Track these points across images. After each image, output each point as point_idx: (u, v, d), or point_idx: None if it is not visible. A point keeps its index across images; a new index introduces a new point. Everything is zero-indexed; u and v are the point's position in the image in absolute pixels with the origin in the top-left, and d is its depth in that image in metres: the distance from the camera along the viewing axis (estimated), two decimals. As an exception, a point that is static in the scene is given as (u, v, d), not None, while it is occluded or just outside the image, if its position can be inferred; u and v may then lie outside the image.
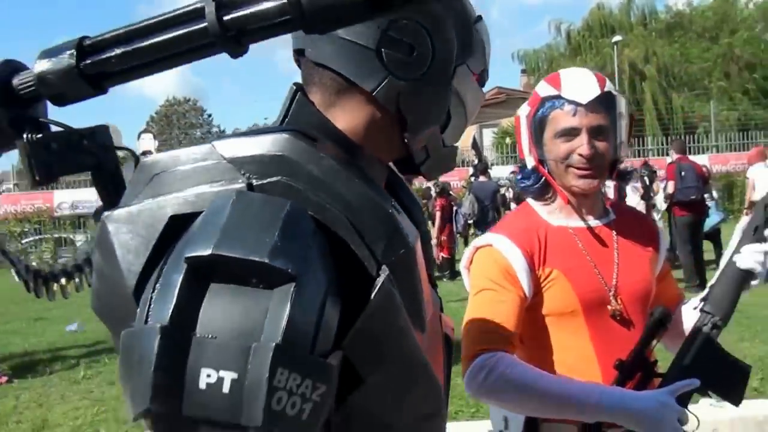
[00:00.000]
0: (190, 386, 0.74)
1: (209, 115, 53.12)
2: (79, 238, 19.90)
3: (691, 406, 1.59)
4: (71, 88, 0.87)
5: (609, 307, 1.69)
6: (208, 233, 0.78)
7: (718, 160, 21.31)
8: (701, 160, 19.37)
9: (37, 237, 20.87)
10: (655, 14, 32.52)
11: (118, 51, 0.83)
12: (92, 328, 8.89)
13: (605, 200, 1.86)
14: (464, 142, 28.35)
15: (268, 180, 0.85)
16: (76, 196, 21.61)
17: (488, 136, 30.68)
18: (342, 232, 0.85)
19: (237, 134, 0.91)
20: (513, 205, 13.20)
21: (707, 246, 10.83)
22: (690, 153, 19.80)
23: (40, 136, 0.90)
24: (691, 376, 1.59)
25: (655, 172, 12.16)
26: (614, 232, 1.78)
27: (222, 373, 0.74)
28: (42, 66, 0.86)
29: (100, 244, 0.86)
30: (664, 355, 1.73)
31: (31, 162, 0.90)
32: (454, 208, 13.18)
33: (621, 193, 11.88)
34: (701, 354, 1.64)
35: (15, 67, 0.90)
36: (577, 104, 1.65)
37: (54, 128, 0.93)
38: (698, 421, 1.58)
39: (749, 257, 1.67)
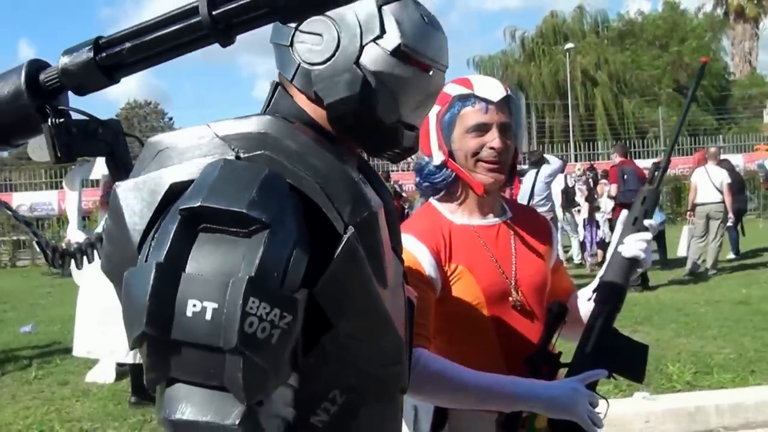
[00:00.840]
0: (178, 314, 0.88)
1: (170, 119, 52.38)
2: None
3: (624, 400, 1.79)
4: (89, 79, 1.01)
5: (510, 298, 1.79)
6: (198, 190, 0.94)
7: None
8: (650, 163, 19.87)
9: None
10: (608, 22, 33.09)
11: (128, 44, 0.97)
12: (45, 330, 8.84)
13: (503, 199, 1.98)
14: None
15: (253, 153, 1.01)
16: (35, 199, 21.24)
17: (444, 140, 31.20)
18: (315, 197, 1.00)
19: (229, 118, 1.06)
20: None
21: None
22: (640, 157, 20.33)
23: (62, 120, 1.05)
24: (594, 363, 1.71)
25: (598, 174, 12.48)
26: (511, 229, 1.88)
27: (205, 303, 0.88)
28: (65, 60, 1.01)
29: (111, 209, 1.01)
30: (567, 346, 1.86)
31: (54, 142, 1.06)
32: (406, 210, 13.16)
33: (591, 194, 12.19)
34: (601, 341, 1.76)
35: (40, 65, 1.05)
36: (489, 102, 1.77)
37: (75, 116, 1.10)
38: (608, 404, 1.72)
39: (632, 246, 1.79)
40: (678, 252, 12.39)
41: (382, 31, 1.13)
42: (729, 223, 11.25)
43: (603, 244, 12.33)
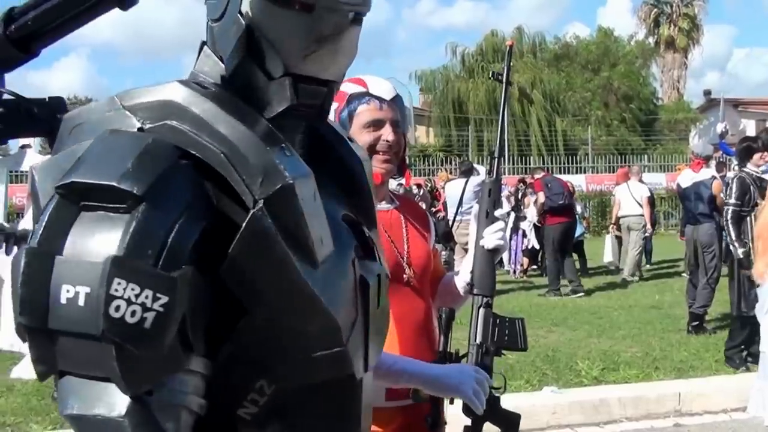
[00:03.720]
0: (53, 301, 0.83)
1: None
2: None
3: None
4: (4, 52, 1.02)
5: (404, 275, 1.96)
6: (75, 166, 0.88)
7: (594, 179, 22.62)
8: (579, 179, 20.54)
9: None
10: (544, 44, 33.73)
11: (31, 14, 1.00)
12: None
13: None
14: None
15: (157, 124, 0.94)
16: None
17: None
18: (219, 168, 0.93)
19: (141, 87, 1.00)
20: None
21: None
22: (569, 173, 20.94)
23: None
24: (485, 347, 1.94)
25: (527, 186, 12.90)
26: (401, 215, 2.06)
27: (78, 287, 0.82)
28: None
29: (32, 192, 0.96)
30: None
31: None
32: None
33: (518, 205, 12.58)
34: (486, 328, 1.96)
35: None
36: (382, 100, 1.92)
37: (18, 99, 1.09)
38: (505, 378, 1.97)
39: (491, 238, 1.98)
40: (603, 259, 12.87)
41: None
42: (646, 234, 11.86)
43: (529, 252, 12.74)
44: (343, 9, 1.02)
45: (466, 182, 10.11)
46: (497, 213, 2.00)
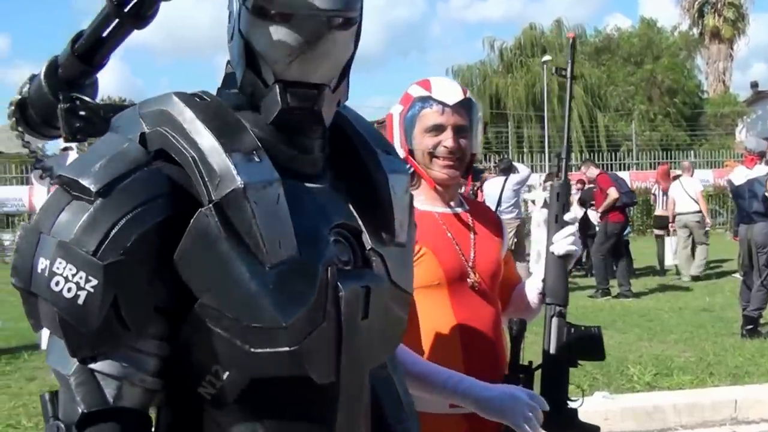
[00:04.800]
0: (33, 270, 1.01)
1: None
2: (6, 237, 19.08)
3: (585, 399, 1.84)
4: (74, 67, 1.27)
5: (469, 280, 1.92)
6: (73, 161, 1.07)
7: (639, 177, 22.05)
8: (623, 176, 20.16)
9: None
10: (585, 37, 33.16)
11: (85, 33, 1.24)
12: (14, 326, 8.73)
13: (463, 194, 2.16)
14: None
15: (153, 129, 1.08)
16: (5, 194, 20.71)
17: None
18: (188, 170, 1.05)
19: (154, 96, 1.15)
20: None
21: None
22: (612, 170, 20.55)
23: (67, 106, 1.24)
24: (559, 359, 1.85)
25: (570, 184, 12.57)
26: (470, 219, 2.02)
27: (45, 261, 1.00)
28: (60, 56, 1.28)
29: None
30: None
31: (64, 124, 1.25)
32: None
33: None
34: (560, 338, 1.87)
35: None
36: (445, 105, 1.90)
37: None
38: (583, 397, 1.87)
39: (562, 244, 1.89)
40: (667, 261, 12.59)
41: None
42: (706, 229, 11.62)
43: None
44: (319, 15, 1.07)
45: (506, 181, 9.98)
46: (567, 217, 1.91)
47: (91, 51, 1.26)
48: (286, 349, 1.06)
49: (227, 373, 1.07)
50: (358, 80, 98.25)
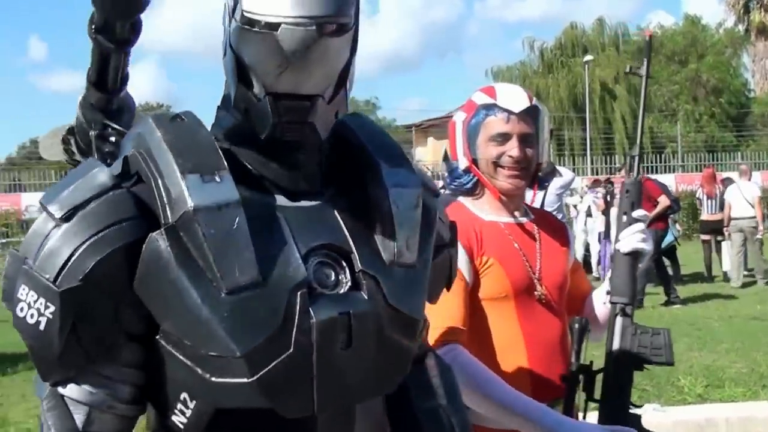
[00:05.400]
0: (15, 295, 1.02)
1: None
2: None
3: (633, 411, 1.78)
4: (92, 95, 1.36)
5: (536, 292, 1.88)
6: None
7: (684, 179, 21.71)
8: (668, 179, 19.78)
9: (3, 240, 20.59)
10: (627, 36, 32.91)
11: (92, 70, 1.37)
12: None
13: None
14: (437, 156, 28.39)
15: (131, 151, 1.07)
16: (45, 200, 21.29)
17: (460, 151, 31.19)
18: (149, 196, 1.03)
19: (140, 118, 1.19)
20: None
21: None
22: (657, 172, 20.24)
23: (97, 132, 1.31)
24: (623, 361, 1.78)
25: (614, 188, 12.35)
26: (536, 229, 1.98)
27: (23, 287, 1.01)
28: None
29: None
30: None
31: (95, 150, 1.31)
32: None
33: (608, 208, 12.10)
34: (624, 338, 1.80)
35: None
36: (510, 113, 1.85)
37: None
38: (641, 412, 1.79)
39: (629, 240, 1.84)
40: (722, 268, 12.28)
41: (236, 2, 1.06)
42: (758, 236, 11.32)
43: None
44: (308, 23, 1.02)
45: (548, 184, 9.84)
46: (636, 214, 1.86)
47: (100, 78, 1.32)
48: (246, 380, 1.01)
49: (194, 401, 1.05)
50: (394, 82, 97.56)
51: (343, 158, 1.19)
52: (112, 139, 1.29)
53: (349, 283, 1.10)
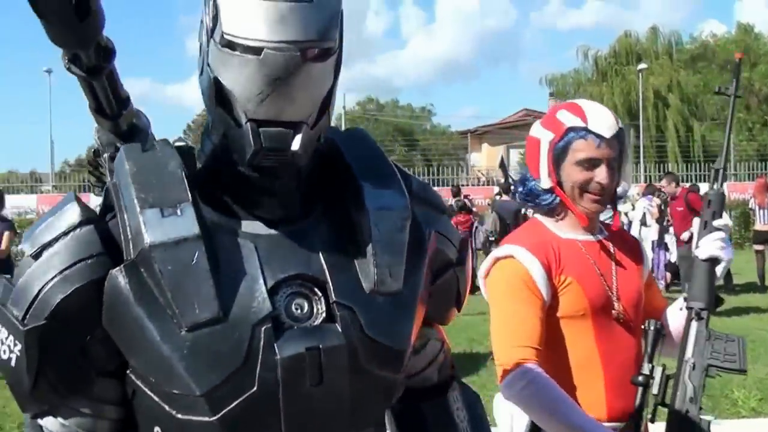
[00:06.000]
0: None
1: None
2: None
3: (705, 417, 1.77)
4: (97, 120, 1.44)
5: (613, 310, 1.89)
6: None
7: (737, 188, 21.37)
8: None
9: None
10: (681, 44, 32.66)
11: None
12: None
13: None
14: (492, 162, 28.32)
15: (109, 183, 1.09)
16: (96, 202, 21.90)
17: (515, 156, 30.29)
18: (118, 231, 1.03)
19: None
20: None
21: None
22: (708, 180, 20.00)
23: (109, 154, 1.27)
24: (696, 364, 1.77)
25: (668, 196, 12.15)
26: (611, 246, 1.98)
27: None
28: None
29: None
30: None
31: (109, 173, 1.26)
32: (475, 225, 13.38)
33: (663, 216, 12.04)
34: (698, 343, 1.79)
35: None
36: (602, 138, 1.83)
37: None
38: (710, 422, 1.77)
39: (707, 247, 1.84)
40: None
41: (215, 22, 1.00)
42: None
43: (671, 266, 12.14)
44: (291, 48, 0.97)
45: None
46: (717, 223, 1.86)
47: (98, 106, 1.36)
48: (208, 419, 0.98)
49: None
50: (448, 90, 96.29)
51: (329, 178, 1.15)
52: None
53: (324, 315, 1.05)
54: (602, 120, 1.85)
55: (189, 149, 1.16)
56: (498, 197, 14.10)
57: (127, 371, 1.04)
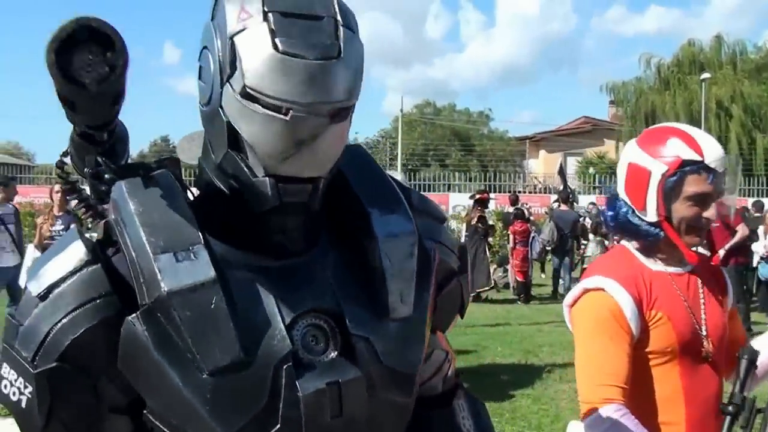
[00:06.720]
0: (0, 371, 1.03)
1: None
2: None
3: None
4: (74, 143, 1.22)
5: (702, 348, 1.80)
6: None
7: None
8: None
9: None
10: (745, 53, 32.01)
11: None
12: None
13: None
14: (550, 169, 28.21)
15: (110, 218, 1.04)
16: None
17: (572, 165, 30.63)
18: (127, 270, 0.99)
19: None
20: (591, 236, 13.45)
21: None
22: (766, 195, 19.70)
23: (92, 171, 1.11)
24: None
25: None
26: (699, 278, 1.87)
27: (5, 366, 1.02)
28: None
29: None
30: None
31: (91, 189, 1.16)
32: (532, 234, 13.33)
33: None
34: None
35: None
36: (716, 174, 1.75)
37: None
38: None
39: None
40: None
41: (233, 68, 0.95)
42: None
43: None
44: (321, 110, 0.94)
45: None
46: None
47: (86, 136, 1.17)
48: None
49: None
50: (506, 94, 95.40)
51: (331, 202, 1.13)
52: (107, 176, 1.11)
53: (339, 347, 1.06)
54: (716, 154, 1.76)
55: (176, 171, 1.10)
56: (556, 205, 14.17)
57: (144, 411, 1.01)
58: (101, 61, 0.96)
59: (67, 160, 1.27)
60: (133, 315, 0.96)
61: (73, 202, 1.21)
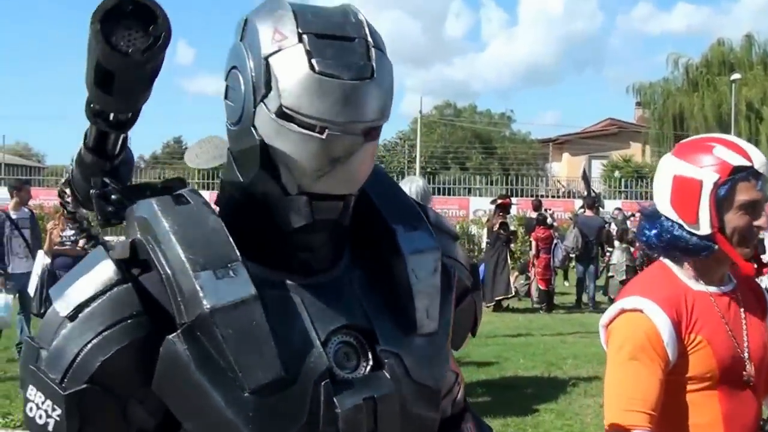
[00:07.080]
0: (25, 394, 1.02)
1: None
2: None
3: None
4: (88, 158, 1.30)
5: (744, 373, 1.72)
6: None
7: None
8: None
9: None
10: (778, 53, 31.43)
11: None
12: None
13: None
14: (573, 173, 27.97)
15: (139, 237, 1.04)
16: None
17: (597, 168, 30.15)
18: (166, 286, 0.98)
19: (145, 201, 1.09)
20: (617, 243, 12.92)
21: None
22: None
23: (98, 192, 1.19)
24: None
25: None
26: (740, 297, 1.80)
27: (31, 388, 1.01)
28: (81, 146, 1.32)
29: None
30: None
31: (97, 210, 1.22)
32: (555, 240, 12.94)
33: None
34: None
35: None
36: (762, 178, 1.68)
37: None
38: None
39: None
40: None
41: (268, 88, 0.98)
42: None
43: None
44: (356, 129, 0.98)
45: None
46: None
47: (99, 147, 1.24)
48: None
49: None
50: (529, 94, 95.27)
51: (360, 224, 1.15)
52: (114, 197, 1.18)
53: (371, 363, 1.07)
54: (762, 158, 1.69)
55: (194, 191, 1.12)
56: (581, 211, 13.92)
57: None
58: (143, 35, 1.02)
59: (68, 191, 1.33)
60: (174, 334, 0.96)
61: (70, 231, 1.24)
